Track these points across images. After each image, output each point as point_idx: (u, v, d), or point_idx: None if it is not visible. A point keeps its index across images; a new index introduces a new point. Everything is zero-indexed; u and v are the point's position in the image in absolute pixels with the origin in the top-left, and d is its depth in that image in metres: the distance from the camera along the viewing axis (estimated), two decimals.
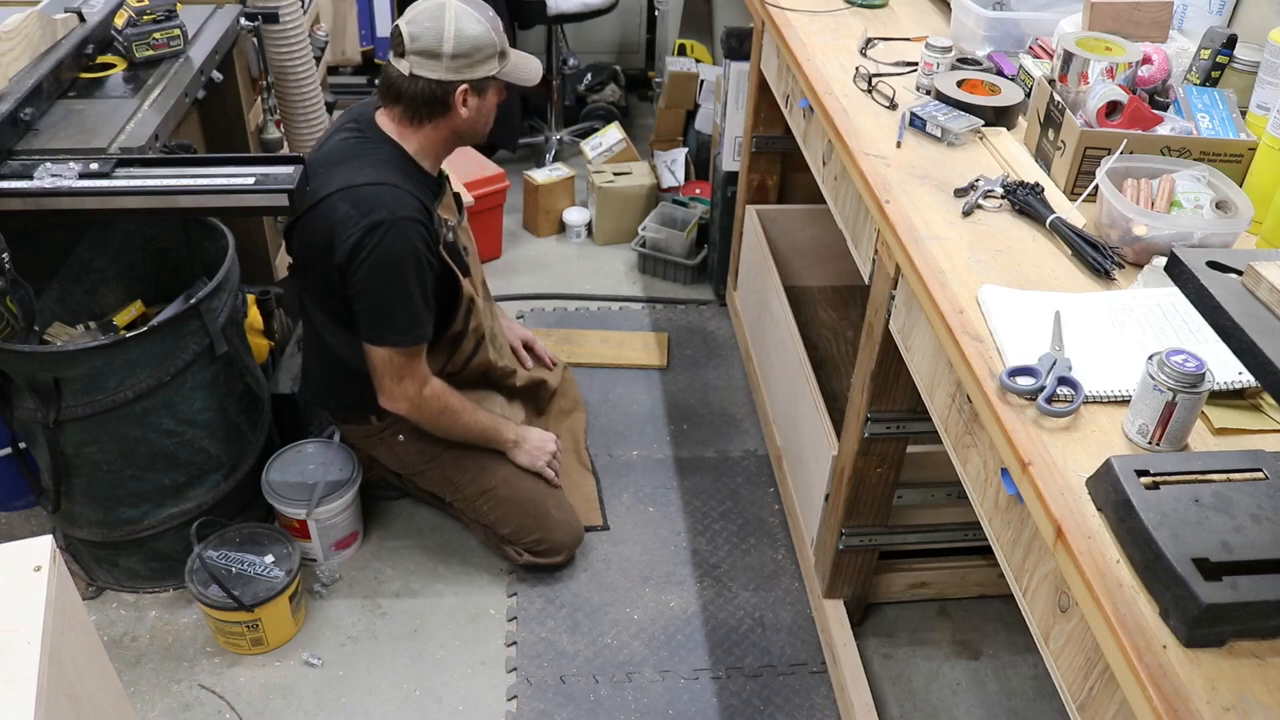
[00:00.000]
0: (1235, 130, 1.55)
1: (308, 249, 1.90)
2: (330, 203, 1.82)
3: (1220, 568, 0.92)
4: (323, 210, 1.83)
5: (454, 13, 1.79)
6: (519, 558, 2.16)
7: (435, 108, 1.85)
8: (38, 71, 1.84)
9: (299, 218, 1.88)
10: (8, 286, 1.71)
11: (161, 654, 2.00)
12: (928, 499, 1.91)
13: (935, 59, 1.85)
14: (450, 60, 1.80)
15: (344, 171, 1.84)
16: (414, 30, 1.79)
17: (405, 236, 1.81)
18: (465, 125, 1.90)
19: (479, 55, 1.82)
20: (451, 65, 1.81)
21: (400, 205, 1.81)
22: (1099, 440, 1.13)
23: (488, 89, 1.89)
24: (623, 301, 3.07)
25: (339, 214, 1.81)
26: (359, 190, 1.81)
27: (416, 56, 1.80)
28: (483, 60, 1.83)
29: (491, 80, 1.88)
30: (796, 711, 1.96)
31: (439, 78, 1.81)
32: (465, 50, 1.80)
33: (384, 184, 1.82)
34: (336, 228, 1.81)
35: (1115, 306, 1.30)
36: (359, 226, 1.79)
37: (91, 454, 1.87)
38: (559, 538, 2.15)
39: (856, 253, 1.79)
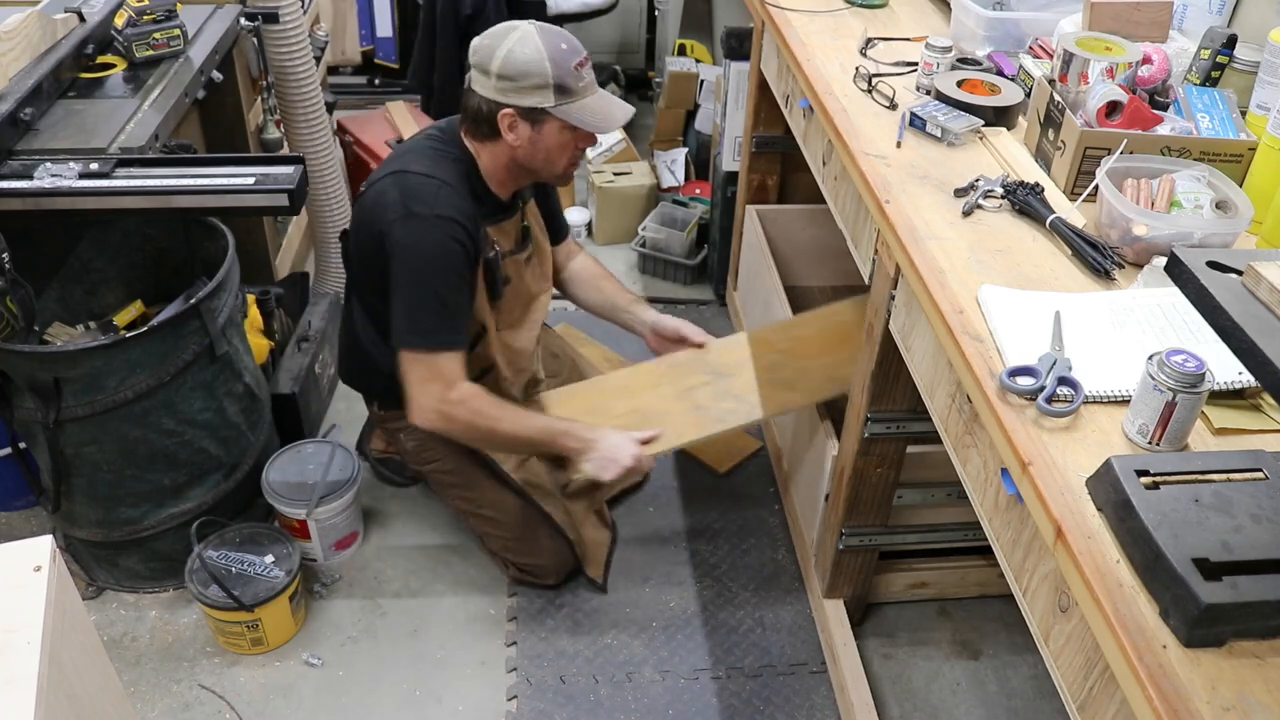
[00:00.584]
0: (1235, 130, 1.55)
1: (356, 227, 1.92)
2: (382, 184, 1.84)
3: (1220, 568, 0.92)
4: (374, 191, 1.85)
5: (517, 36, 1.77)
6: (507, 570, 2.16)
7: (483, 126, 1.83)
8: (38, 71, 1.84)
9: (359, 193, 1.91)
10: (8, 286, 1.71)
11: (161, 654, 2.00)
12: (928, 499, 1.91)
13: (935, 59, 1.85)
14: (496, 80, 1.77)
15: (406, 159, 1.86)
16: (478, 44, 1.80)
17: (441, 233, 1.78)
18: (522, 155, 1.85)
19: (526, 82, 1.76)
20: (497, 85, 1.78)
21: (442, 202, 1.79)
22: (1099, 440, 1.13)
23: (543, 123, 1.81)
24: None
25: (386, 196, 1.81)
26: (408, 177, 1.81)
27: (474, 70, 1.81)
28: (530, 89, 1.77)
29: (547, 114, 1.80)
30: (796, 711, 1.96)
31: (487, 96, 1.80)
32: (511, 74, 1.76)
33: (433, 178, 1.81)
34: (379, 209, 1.82)
35: (1115, 306, 1.30)
36: (398, 214, 1.79)
37: (91, 454, 1.87)
38: (547, 564, 2.12)
39: (856, 253, 1.79)
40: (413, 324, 1.83)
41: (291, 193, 1.71)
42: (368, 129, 3.34)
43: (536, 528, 2.10)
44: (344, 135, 3.32)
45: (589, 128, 1.85)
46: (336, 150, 2.72)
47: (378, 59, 3.97)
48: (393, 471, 2.38)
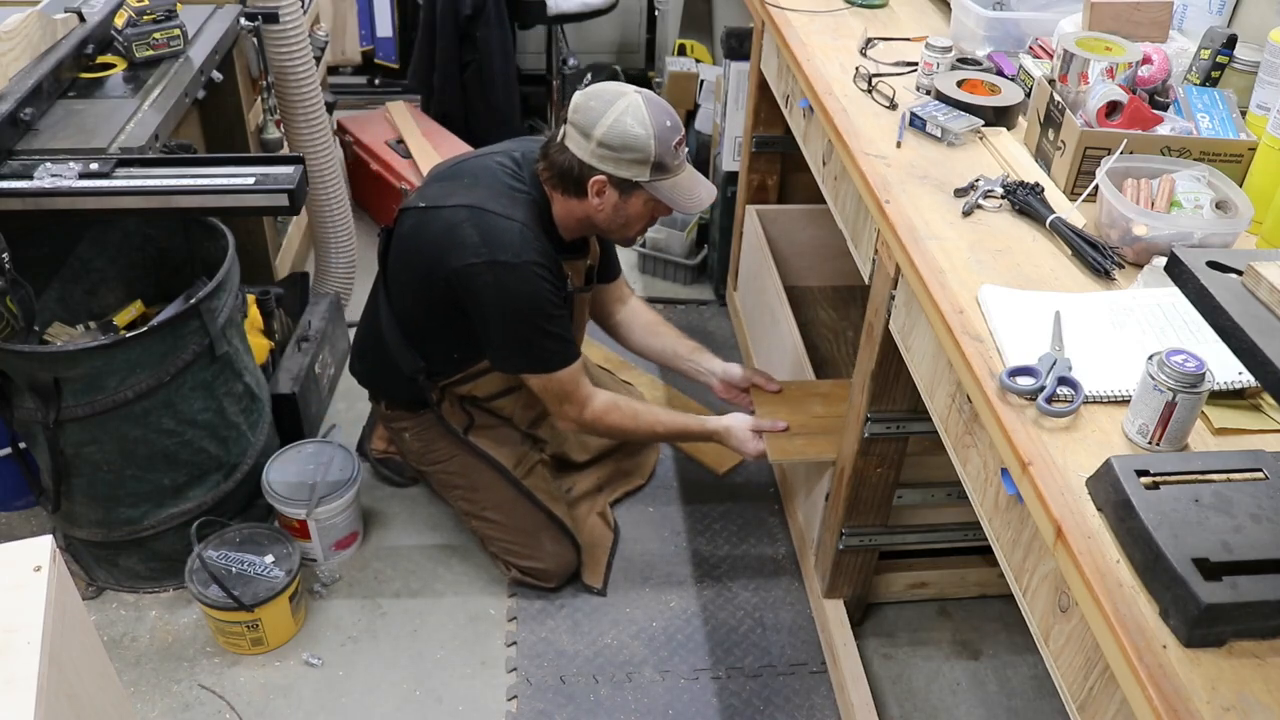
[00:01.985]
0: (1235, 130, 1.55)
1: (414, 241, 1.89)
2: (456, 214, 1.82)
3: (1220, 568, 0.92)
4: (445, 216, 1.83)
5: (626, 105, 1.76)
6: (508, 572, 2.16)
7: (569, 184, 1.83)
8: (38, 71, 1.84)
9: (420, 208, 1.88)
10: (8, 286, 1.71)
11: (161, 654, 2.00)
12: (928, 499, 1.91)
13: (935, 59, 1.85)
14: (597, 146, 1.77)
15: (481, 193, 1.84)
16: (580, 102, 1.78)
17: (532, 278, 1.80)
18: (600, 217, 1.87)
19: (627, 155, 1.77)
20: (596, 151, 1.78)
21: (528, 248, 1.80)
22: (1099, 440, 1.13)
23: (632, 194, 1.83)
24: None
25: (462, 233, 1.80)
26: (489, 217, 1.80)
27: (572, 128, 1.79)
28: (630, 162, 1.78)
29: (637, 187, 1.82)
30: (796, 711, 1.96)
31: (583, 158, 1.79)
32: (614, 144, 1.76)
33: (514, 220, 1.81)
34: (455, 244, 1.80)
35: (1115, 306, 1.30)
36: (482, 259, 1.78)
37: (91, 454, 1.87)
38: (549, 567, 2.12)
39: (856, 253, 1.79)
40: (530, 353, 1.89)
41: (291, 193, 1.71)
42: (368, 129, 3.34)
43: (540, 531, 2.11)
44: (344, 135, 3.33)
45: (678, 208, 1.87)
46: (336, 150, 2.72)
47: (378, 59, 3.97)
48: (393, 471, 2.38)
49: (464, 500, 2.15)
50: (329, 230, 2.65)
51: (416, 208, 1.91)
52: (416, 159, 3.14)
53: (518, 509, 2.10)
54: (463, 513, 2.19)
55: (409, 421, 2.11)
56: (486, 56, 3.38)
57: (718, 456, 2.49)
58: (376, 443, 2.36)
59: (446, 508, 2.33)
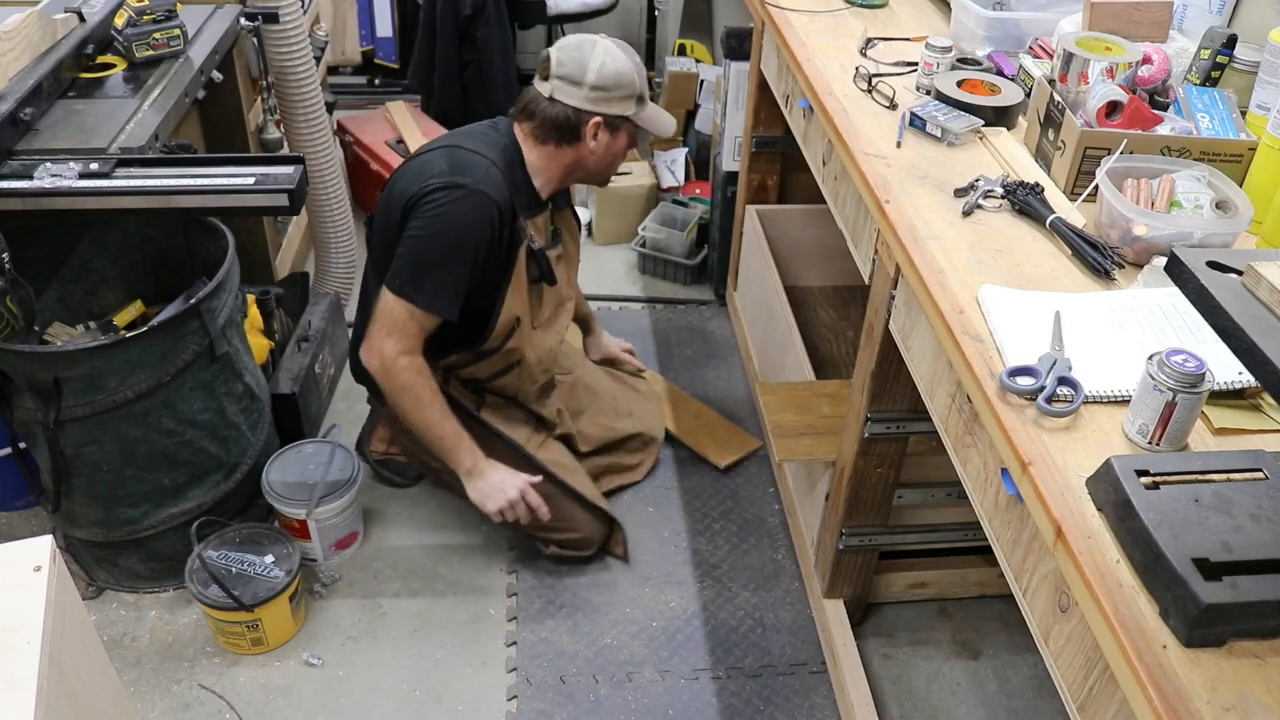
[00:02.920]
0: (1235, 130, 1.55)
1: (388, 198, 1.92)
2: (431, 155, 1.90)
3: (1220, 568, 0.92)
4: (419, 160, 1.91)
5: (603, 48, 1.89)
6: (545, 549, 2.19)
7: (565, 134, 1.90)
8: (38, 71, 1.84)
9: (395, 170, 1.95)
10: (8, 286, 1.71)
11: (161, 654, 2.00)
12: (928, 499, 1.91)
13: (935, 59, 1.85)
14: (590, 90, 1.87)
15: (457, 137, 1.94)
16: (562, 56, 1.87)
17: (478, 209, 1.82)
18: (591, 160, 1.95)
19: (618, 92, 1.88)
20: (590, 96, 1.87)
21: (489, 182, 1.84)
22: (1099, 440, 1.13)
23: (620, 129, 1.93)
24: (623, 301, 3.07)
25: (432, 163, 1.87)
26: (459, 151, 1.88)
27: (559, 81, 1.87)
28: (620, 98, 1.89)
29: (625, 121, 1.93)
30: (796, 711, 1.96)
31: (576, 105, 1.87)
32: (607, 84, 1.87)
33: (485, 157, 1.87)
34: (424, 171, 1.86)
35: (1115, 306, 1.30)
36: (443, 178, 1.83)
37: (91, 454, 1.87)
38: (587, 535, 2.18)
39: (856, 253, 1.79)
40: (415, 275, 1.85)
41: (291, 193, 1.71)
42: (368, 129, 3.34)
43: (569, 504, 2.15)
44: (344, 135, 3.33)
45: (657, 132, 1.99)
46: (336, 150, 2.72)
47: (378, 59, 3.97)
48: (393, 472, 2.38)
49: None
50: (329, 230, 2.65)
51: (392, 175, 1.97)
52: None
53: (545, 488, 2.12)
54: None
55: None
56: (486, 56, 3.38)
57: (719, 450, 2.49)
58: (376, 444, 2.36)
59: (447, 507, 2.34)
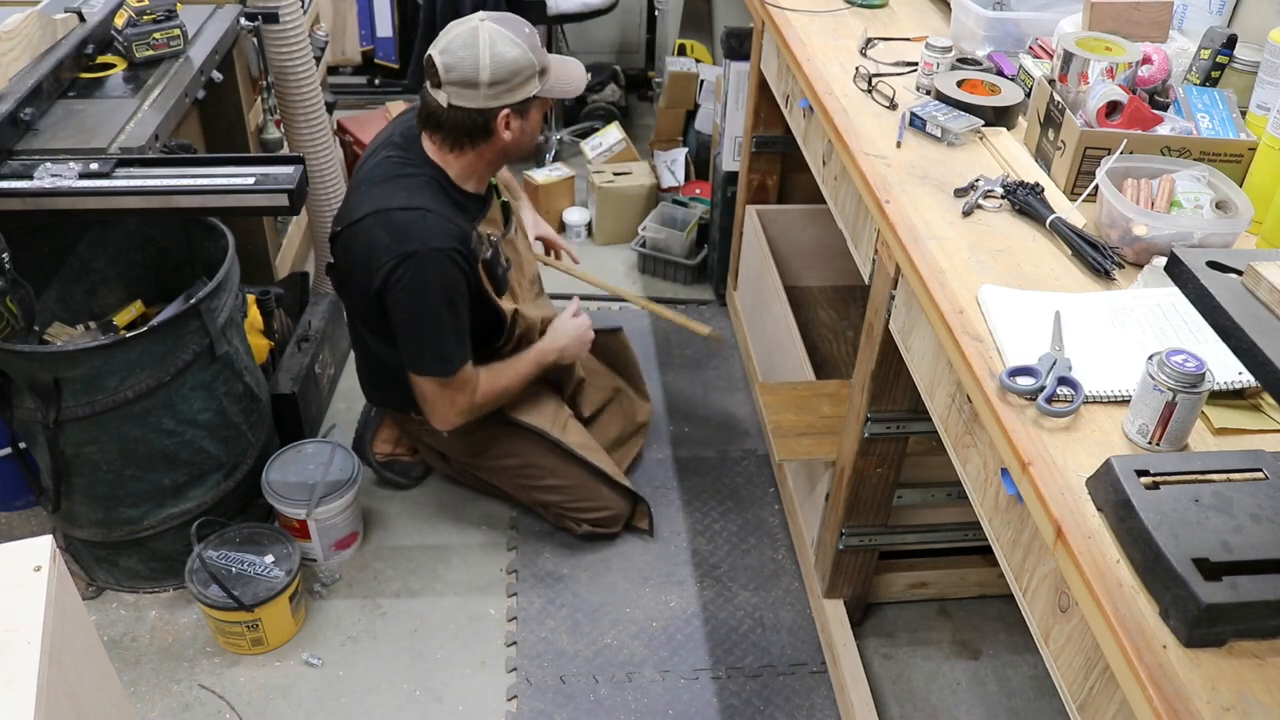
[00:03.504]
0: (1235, 130, 1.55)
1: (346, 265, 1.92)
2: (365, 225, 1.83)
3: (1220, 568, 0.92)
4: (359, 231, 1.84)
5: (488, 37, 1.74)
6: (579, 529, 2.23)
7: (476, 135, 1.83)
8: (38, 71, 1.84)
9: (338, 232, 1.91)
10: (8, 286, 1.71)
11: (161, 654, 2.00)
12: (928, 499, 1.91)
13: (935, 59, 1.85)
14: (489, 88, 1.76)
15: (381, 193, 1.84)
16: (448, 60, 1.75)
17: (438, 266, 1.79)
18: (510, 146, 1.88)
19: (518, 79, 1.79)
20: (490, 92, 1.77)
21: (433, 234, 1.79)
22: (1099, 440, 1.13)
23: (530, 109, 1.86)
24: (622, 302, 3.07)
25: (374, 239, 1.81)
26: (392, 215, 1.80)
27: (454, 87, 1.77)
28: (522, 83, 1.80)
29: (534, 100, 1.85)
30: (796, 711, 1.96)
31: (478, 106, 1.78)
32: (503, 76, 1.76)
33: (417, 209, 1.81)
34: (372, 253, 1.81)
35: (1115, 306, 1.30)
36: (393, 255, 1.78)
37: (91, 454, 1.87)
38: (616, 512, 2.23)
39: (856, 253, 1.79)
40: (430, 354, 1.89)
41: (291, 193, 1.71)
42: (368, 129, 3.34)
43: (596, 483, 2.20)
44: (344, 135, 3.33)
45: (567, 94, 1.92)
46: (336, 150, 2.72)
47: (378, 59, 3.97)
48: (397, 474, 2.38)
49: (521, 478, 2.19)
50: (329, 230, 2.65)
51: (336, 233, 1.94)
52: None
53: (571, 468, 2.17)
54: (521, 489, 2.23)
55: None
56: None
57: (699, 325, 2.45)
58: (380, 445, 2.36)
59: (447, 507, 2.34)
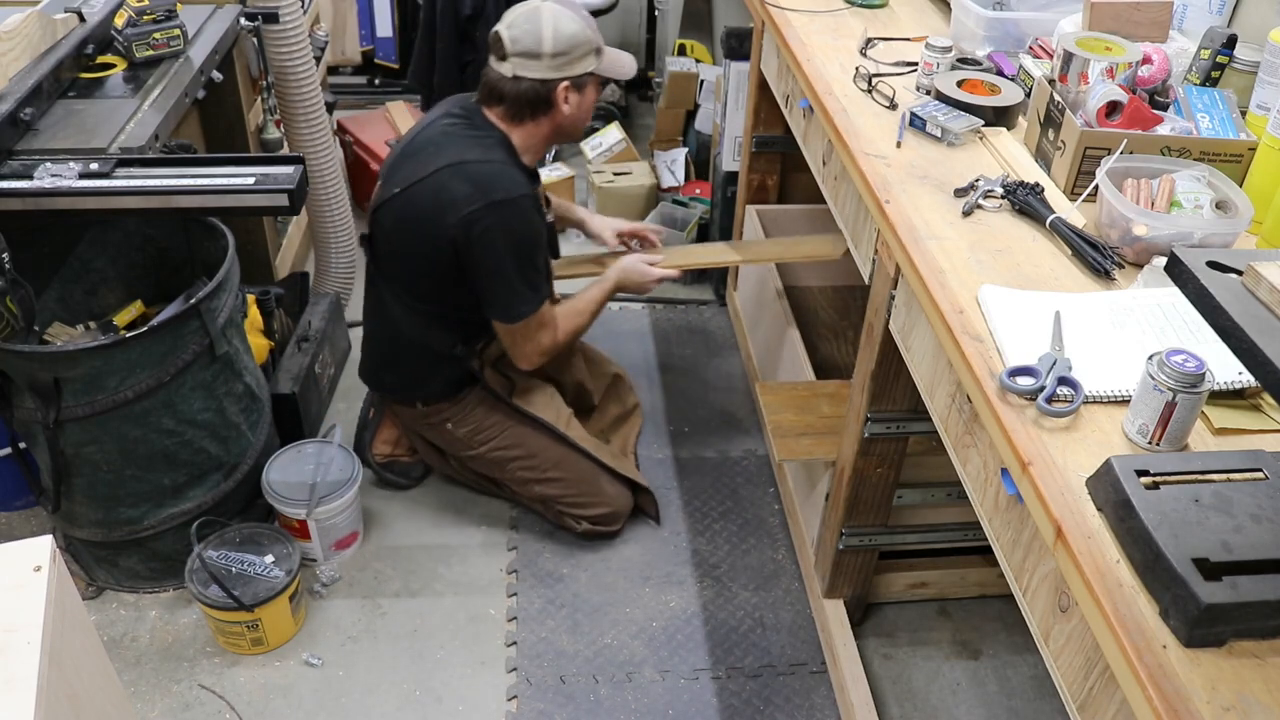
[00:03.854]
0: (1235, 130, 1.55)
1: (409, 219, 1.94)
2: (439, 178, 1.88)
3: (1220, 568, 0.92)
4: (430, 185, 1.88)
5: (551, 14, 1.89)
6: (578, 526, 2.23)
7: (538, 106, 1.93)
8: (38, 71, 1.84)
9: (397, 193, 1.93)
10: (8, 286, 1.71)
11: (161, 654, 2.00)
12: (928, 499, 1.91)
13: (935, 59, 1.85)
14: (551, 59, 1.89)
15: (452, 150, 1.91)
16: (514, 34, 1.89)
17: (524, 213, 1.90)
18: (567, 121, 1.98)
19: (577, 52, 1.91)
20: (552, 64, 1.89)
21: (515, 184, 1.89)
22: (1099, 440, 1.13)
23: (586, 85, 1.97)
24: (623, 301, 3.07)
25: (452, 190, 1.86)
26: (469, 166, 1.88)
27: (518, 58, 1.89)
28: (581, 57, 1.92)
29: (590, 76, 1.96)
30: (796, 711, 1.96)
31: (541, 76, 1.90)
32: (564, 48, 1.89)
33: (495, 161, 1.90)
34: (451, 204, 1.86)
35: (1115, 306, 1.30)
36: (478, 203, 1.84)
37: (91, 454, 1.87)
38: (615, 509, 2.24)
39: (856, 253, 1.79)
40: (520, 297, 1.96)
41: (291, 193, 1.71)
42: (368, 129, 3.34)
43: (597, 478, 2.22)
44: (344, 135, 3.33)
45: (620, 75, 2.03)
46: (336, 150, 2.72)
47: (378, 59, 3.97)
48: (397, 474, 2.38)
49: (523, 469, 2.20)
50: (329, 230, 2.65)
51: (392, 196, 1.95)
52: None
53: (574, 462, 2.20)
54: (522, 482, 2.22)
55: (451, 409, 2.14)
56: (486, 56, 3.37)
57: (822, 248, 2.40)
58: (380, 446, 2.36)
59: (447, 507, 2.34)
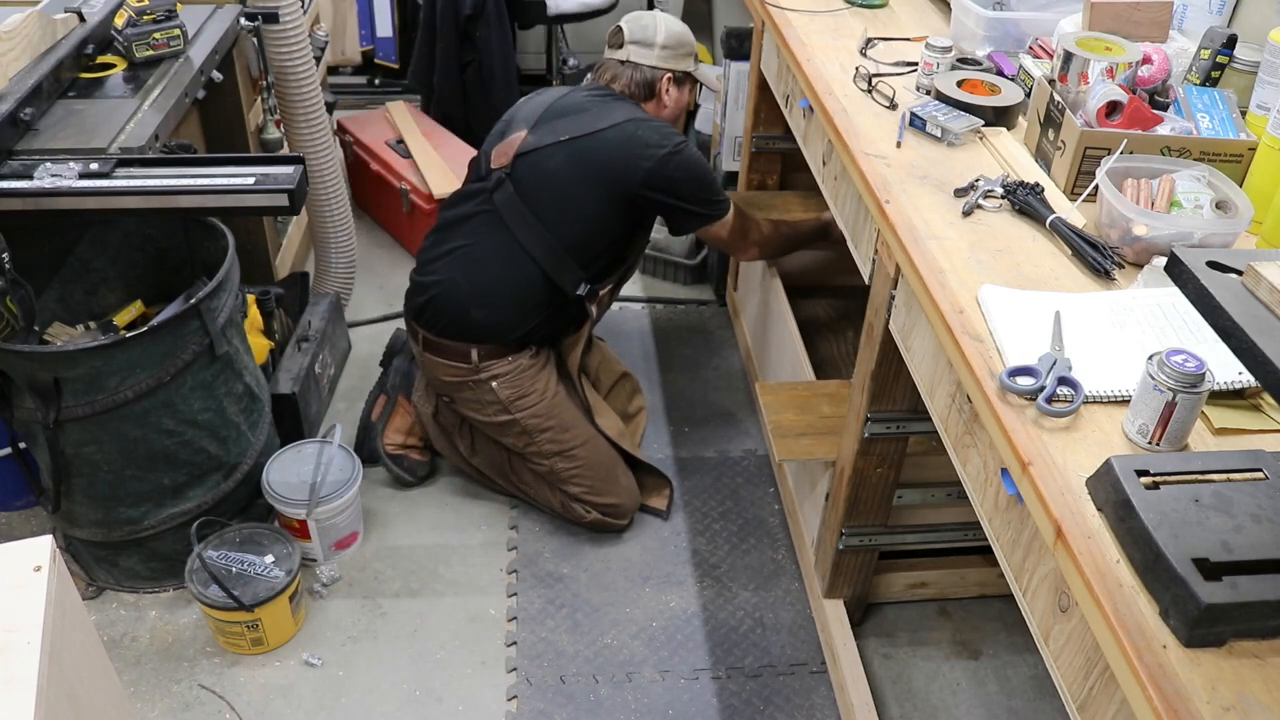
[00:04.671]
0: (1235, 130, 1.55)
1: (587, 164, 2.09)
2: (625, 129, 2.09)
3: (1220, 568, 0.92)
4: (619, 133, 2.09)
5: (663, 16, 2.22)
6: (586, 515, 2.25)
7: (645, 92, 2.19)
8: (38, 71, 1.84)
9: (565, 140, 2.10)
10: (8, 286, 1.71)
11: (161, 654, 2.00)
12: (928, 499, 1.91)
13: (935, 59, 1.85)
14: (661, 49, 2.18)
15: (618, 109, 2.14)
16: (632, 26, 2.19)
17: (694, 152, 2.15)
18: (665, 114, 2.22)
19: (682, 50, 2.20)
20: (662, 54, 2.18)
21: (678, 135, 2.13)
22: (1099, 440, 1.13)
23: (684, 83, 2.24)
24: (623, 301, 3.07)
25: (643, 139, 2.08)
26: (647, 122, 2.13)
27: (634, 46, 2.18)
28: (684, 55, 2.21)
29: (687, 76, 2.23)
30: (796, 711, 1.96)
31: (651, 64, 2.18)
32: (673, 44, 2.19)
33: (659, 121, 2.16)
34: (642, 151, 2.07)
35: (1115, 306, 1.30)
36: (666, 149, 2.07)
37: (91, 454, 1.87)
38: (624, 502, 2.27)
39: (856, 253, 1.79)
40: (720, 201, 2.19)
41: (291, 193, 1.71)
42: (368, 129, 3.34)
43: (615, 466, 2.26)
44: (344, 135, 3.33)
45: (710, 85, 2.41)
46: (336, 150, 2.72)
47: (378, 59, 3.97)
48: (405, 470, 2.37)
49: (551, 441, 2.20)
50: (329, 230, 2.65)
51: (558, 142, 2.10)
52: (416, 159, 3.14)
53: (599, 445, 2.25)
54: (545, 455, 2.21)
55: (503, 367, 2.15)
56: (486, 56, 3.38)
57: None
58: (393, 436, 2.37)
59: (447, 507, 2.34)
